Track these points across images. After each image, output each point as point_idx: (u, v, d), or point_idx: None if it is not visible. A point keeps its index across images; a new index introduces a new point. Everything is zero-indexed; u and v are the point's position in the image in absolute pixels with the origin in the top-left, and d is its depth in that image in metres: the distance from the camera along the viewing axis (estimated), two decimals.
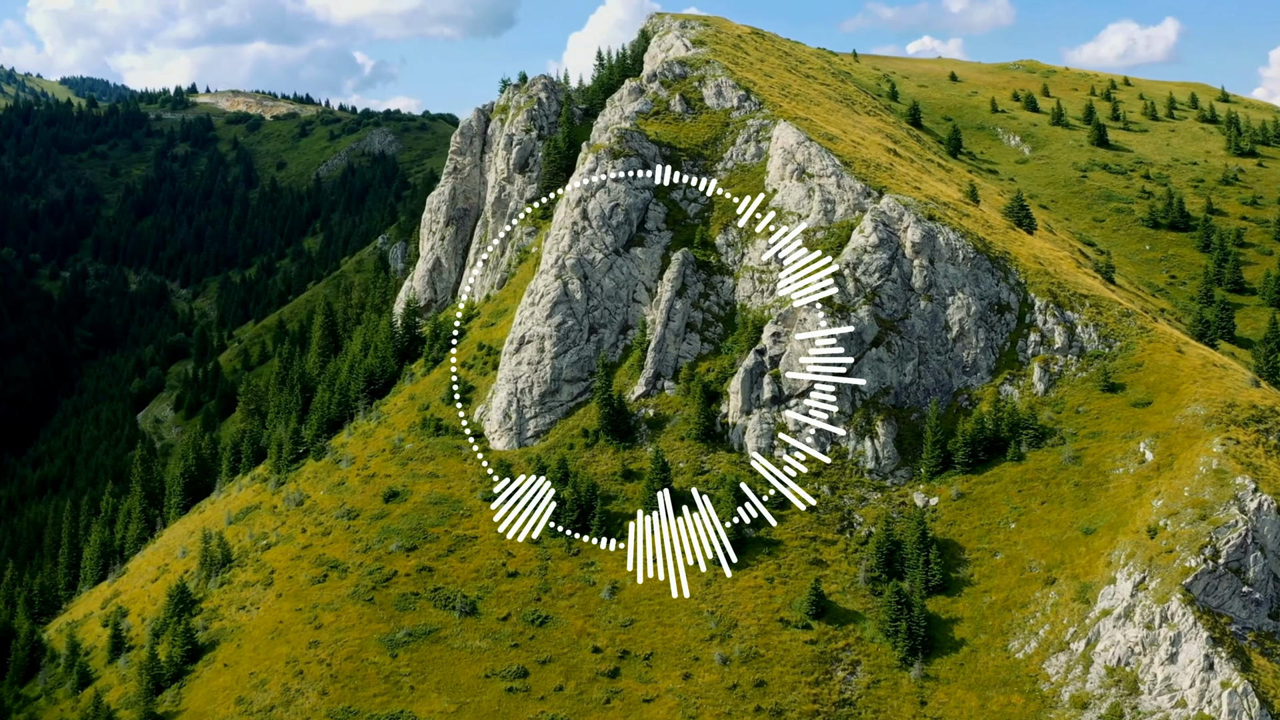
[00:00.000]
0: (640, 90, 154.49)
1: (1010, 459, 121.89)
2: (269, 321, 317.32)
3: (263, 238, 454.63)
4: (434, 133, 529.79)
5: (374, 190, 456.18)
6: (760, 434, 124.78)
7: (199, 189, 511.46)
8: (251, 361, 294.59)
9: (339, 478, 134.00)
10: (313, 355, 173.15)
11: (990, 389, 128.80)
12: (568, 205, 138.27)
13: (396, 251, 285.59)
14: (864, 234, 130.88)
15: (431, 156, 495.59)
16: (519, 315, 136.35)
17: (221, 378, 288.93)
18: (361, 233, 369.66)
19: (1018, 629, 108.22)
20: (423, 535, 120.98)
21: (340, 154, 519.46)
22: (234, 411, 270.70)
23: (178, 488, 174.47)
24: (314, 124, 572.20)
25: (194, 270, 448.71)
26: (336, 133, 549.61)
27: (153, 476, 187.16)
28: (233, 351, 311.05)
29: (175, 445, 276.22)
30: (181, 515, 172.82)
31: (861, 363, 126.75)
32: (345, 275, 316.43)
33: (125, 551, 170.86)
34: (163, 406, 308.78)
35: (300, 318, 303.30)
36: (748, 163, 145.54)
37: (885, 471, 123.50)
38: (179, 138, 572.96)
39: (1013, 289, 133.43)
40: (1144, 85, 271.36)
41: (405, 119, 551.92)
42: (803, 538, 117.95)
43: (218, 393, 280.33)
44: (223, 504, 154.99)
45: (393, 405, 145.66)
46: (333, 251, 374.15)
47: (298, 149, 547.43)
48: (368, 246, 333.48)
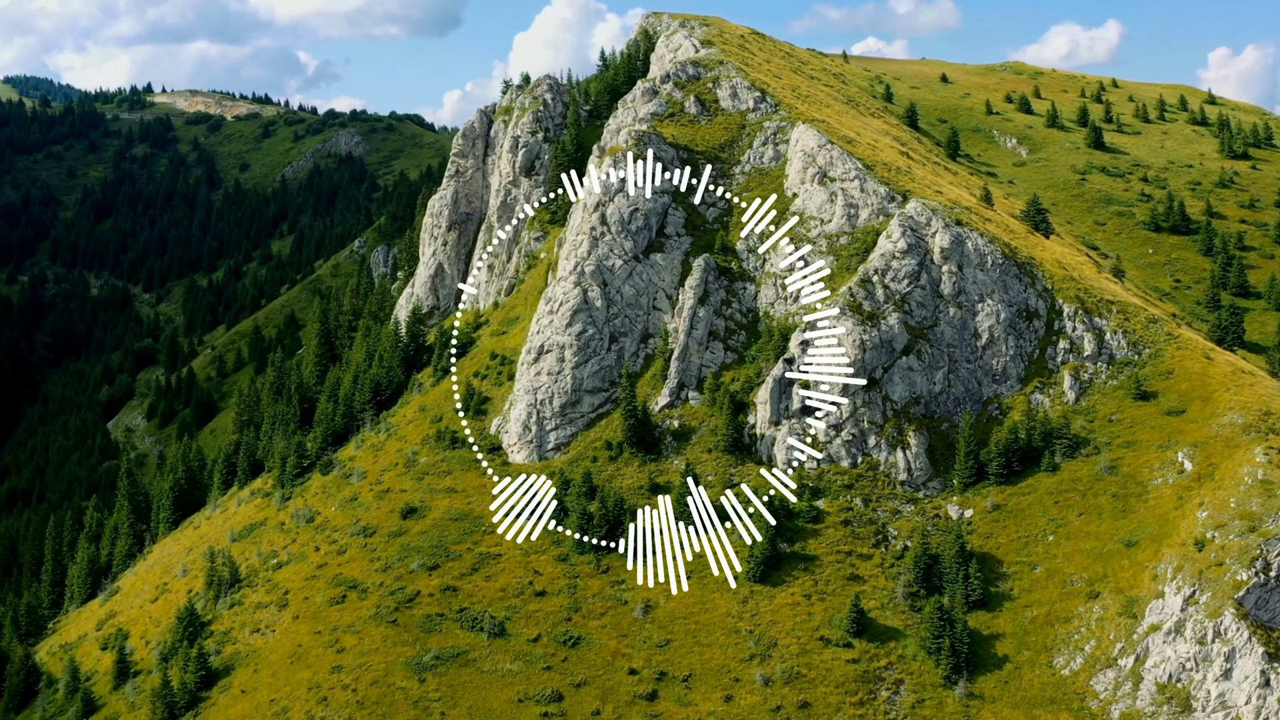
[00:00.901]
0: (654, 91, 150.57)
1: (1045, 469, 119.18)
2: (243, 327, 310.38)
3: (228, 241, 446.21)
4: (401, 133, 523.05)
5: (343, 192, 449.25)
6: (790, 445, 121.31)
7: (160, 191, 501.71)
8: (227, 369, 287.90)
9: (350, 493, 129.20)
10: (309, 364, 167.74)
11: (1021, 398, 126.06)
12: (585, 210, 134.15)
13: (379, 256, 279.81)
14: (891, 239, 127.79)
15: (399, 158, 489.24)
16: (536, 324, 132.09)
17: (196, 385, 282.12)
18: (335, 236, 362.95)
19: (1062, 645, 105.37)
20: (444, 553, 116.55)
21: (306, 155, 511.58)
22: (211, 420, 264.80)
23: (167, 501, 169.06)
24: (277, 125, 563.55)
25: (157, 274, 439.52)
26: (301, 133, 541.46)
27: (138, 489, 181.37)
28: (205, 358, 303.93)
29: (149, 455, 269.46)
30: (171, 530, 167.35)
31: (892, 371, 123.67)
32: (321, 280, 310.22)
33: (113, 568, 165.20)
34: (134, 415, 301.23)
35: (276, 323, 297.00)
36: (765, 166, 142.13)
37: (917, 483, 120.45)
38: (137, 138, 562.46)
39: (1040, 295, 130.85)
40: (1131, 87, 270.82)
41: (372, 119, 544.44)
42: (838, 552, 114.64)
43: (193, 401, 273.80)
44: (220, 519, 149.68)
45: (402, 417, 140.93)
46: (305, 255, 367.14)
47: (261, 150, 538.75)
48: (344, 250, 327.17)
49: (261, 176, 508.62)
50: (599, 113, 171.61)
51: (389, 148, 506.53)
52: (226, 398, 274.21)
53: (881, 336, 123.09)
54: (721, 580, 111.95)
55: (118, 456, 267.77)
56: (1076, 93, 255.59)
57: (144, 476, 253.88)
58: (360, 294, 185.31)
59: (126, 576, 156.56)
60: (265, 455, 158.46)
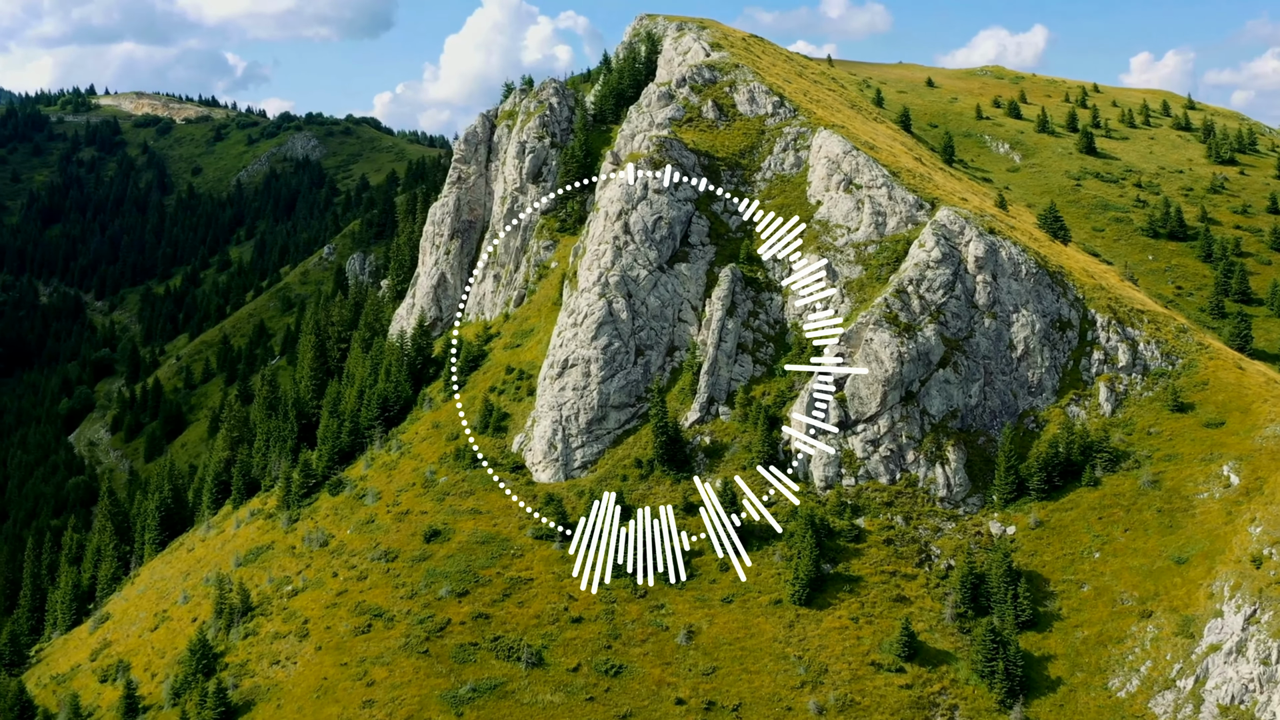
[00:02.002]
0: (669, 96, 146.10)
1: (1086, 484, 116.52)
2: (209, 337, 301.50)
3: (184, 247, 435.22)
4: (358, 137, 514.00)
5: (303, 197, 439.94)
6: (827, 462, 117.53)
7: (110, 196, 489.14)
8: (194, 379, 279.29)
9: (366, 515, 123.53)
10: (304, 378, 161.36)
11: (1057, 410, 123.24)
12: (606, 218, 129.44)
13: (355, 263, 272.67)
14: (925, 248, 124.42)
15: (358, 162, 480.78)
16: (558, 337, 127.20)
17: (163, 397, 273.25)
18: (301, 242, 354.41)
19: (1116, 666, 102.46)
20: (473, 578, 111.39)
21: (261, 159, 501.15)
22: (182, 433, 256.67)
23: (153, 522, 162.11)
24: (229, 128, 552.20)
25: (110, 281, 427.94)
26: (255, 137, 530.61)
27: (119, 508, 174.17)
28: (170, 369, 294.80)
29: (116, 469, 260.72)
30: (158, 552, 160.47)
31: (929, 384, 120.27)
32: (290, 287, 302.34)
33: (97, 593, 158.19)
34: (96, 428, 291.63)
35: (245, 332, 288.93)
36: (787, 173, 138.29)
37: (957, 499, 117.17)
38: (84, 142, 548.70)
39: (1072, 305, 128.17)
40: (1113, 93, 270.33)
41: (329, 123, 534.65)
42: (882, 573, 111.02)
43: (161, 413, 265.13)
44: (217, 541, 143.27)
45: (414, 434, 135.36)
46: (268, 261, 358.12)
47: (214, 154, 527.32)
48: (312, 257, 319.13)
49: (215, 181, 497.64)
50: (604, 117, 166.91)
51: (346, 151, 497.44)
52: (196, 409, 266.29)
53: (919, 348, 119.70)
54: (765, 604, 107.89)
55: (84, 471, 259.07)
56: (1060, 97, 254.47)
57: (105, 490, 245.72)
58: (349, 304, 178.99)
59: (114, 602, 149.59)
60: (262, 474, 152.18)
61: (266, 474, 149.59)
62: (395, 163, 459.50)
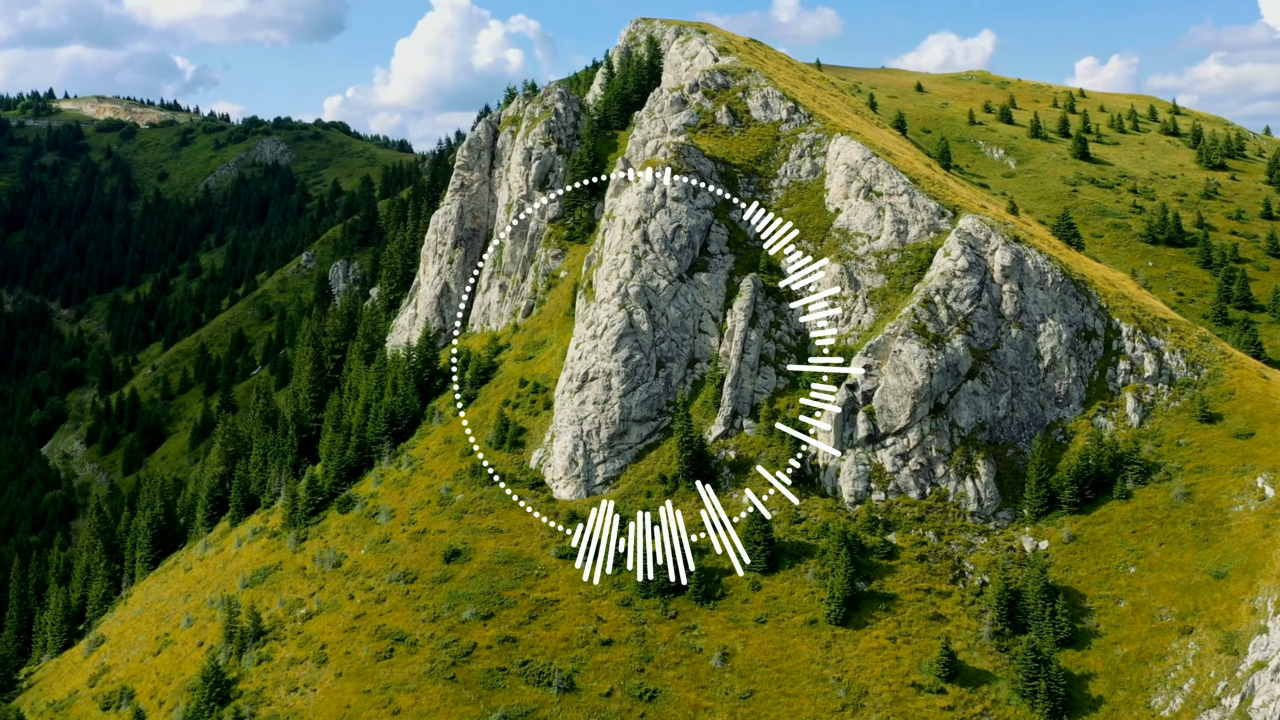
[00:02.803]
0: (682, 101, 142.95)
1: (1117, 497, 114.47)
2: (185, 346, 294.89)
3: (152, 253, 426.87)
4: (328, 141, 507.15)
5: (275, 202, 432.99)
6: (856, 476, 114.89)
7: (74, 201, 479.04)
8: (172, 390, 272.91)
9: (380, 534, 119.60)
10: (303, 391, 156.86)
11: (1084, 422, 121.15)
12: (624, 227, 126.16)
13: (337, 271, 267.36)
14: (951, 257, 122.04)
15: (328, 167, 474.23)
16: (576, 349, 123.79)
17: (140, 408, 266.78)
18: (276, 249, 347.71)
19: (1158, 684, 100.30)
20: (498, 600, 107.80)
21: (229, 164, 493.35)
22: (161, 445, 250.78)
23: (144, 540, 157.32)
24: (195, 132, 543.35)
25: (76, 289, 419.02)
26: (222, 141, 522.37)
27: (108, 525, 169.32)
28: (146, 378, 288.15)
29: (93, 482, 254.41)
30: (151, 570, 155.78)
31: (958, 396, 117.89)
32: (268, 295, 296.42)
33: (88, 614, 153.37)
34: (70, 439, 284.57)
35: (223, 341, 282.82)
36: (804, 180, 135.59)
37: (987, 513, 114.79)
38: (46, 146, 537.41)
39: (1096, 314, 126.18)
40: (1099, 98, 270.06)
41: (297, 127, 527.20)
42: (917, 590, 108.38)
43: (139, 424, 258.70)
44: (216, 561, 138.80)
45: (424, 449, 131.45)
46: (242, 268, 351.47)
47: (180, 158, 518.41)
48: (290, 264, 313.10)
49: (182, 186, 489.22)
50: (609, 122, 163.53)
51: (316, 156, 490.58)
52: (175, 421, 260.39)
53: (947, 360, 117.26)
54: (800, 624, 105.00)
55: (60, 485, 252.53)
56: (1048, 102, 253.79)
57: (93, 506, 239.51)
58: (342, 314, 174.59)
59: (108, 623, 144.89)
60: (260, 490, 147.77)
61: (266, 490, 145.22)
62: (367, 168, 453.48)
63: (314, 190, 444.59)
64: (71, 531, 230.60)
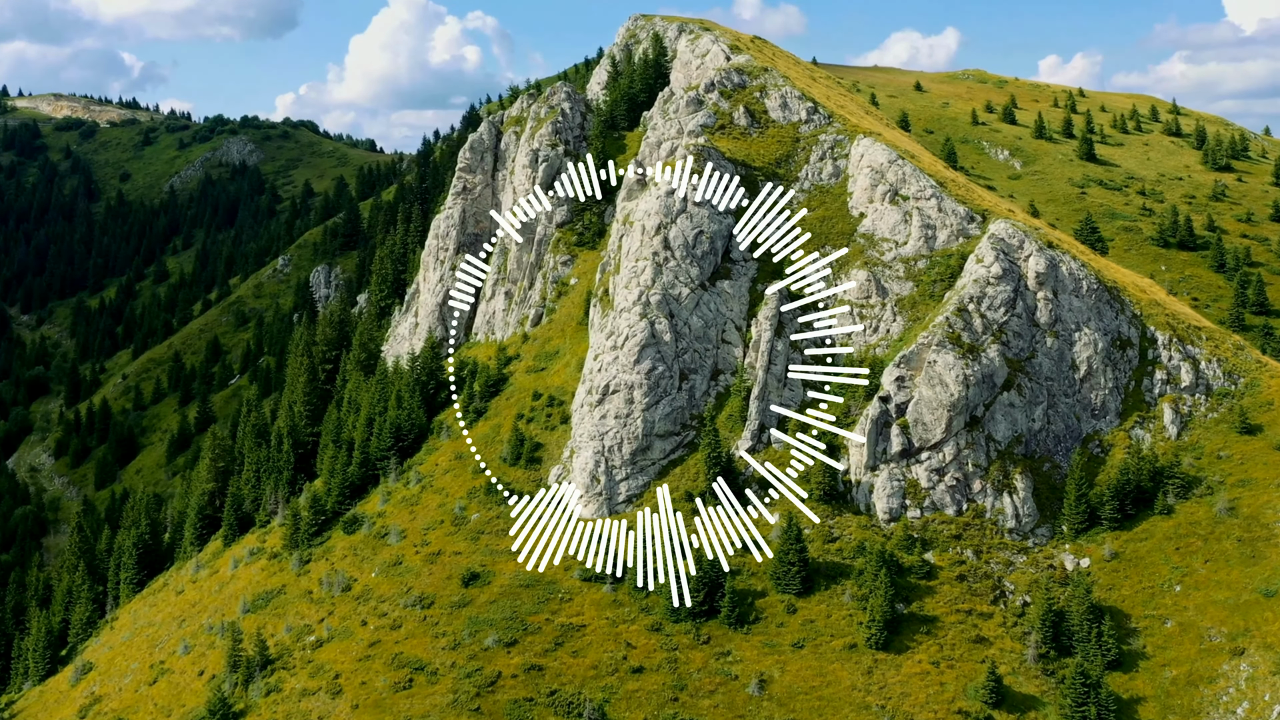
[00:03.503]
0: (698, 101, 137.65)
1: (1159, 512, 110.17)
2: (157, 353, 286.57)
3: (116, 257, 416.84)
4: (296, 141, 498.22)
5: (245, 204, 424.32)
6: (891, 493, 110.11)
7: (33, 203, 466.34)
8: (144, 400, 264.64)
9: (391, 555, 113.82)
10: (298, 402, 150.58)
11: (1121, 434, 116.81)
12: (644, 233, 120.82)
13: (319, 276, 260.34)
14: (984, 264, 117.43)
15: (298, 167, 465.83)
16: (595, 360, 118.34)
17: (111, 419, 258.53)
18: (249, 252, 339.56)
19: (1210, 708, 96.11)
20: (521, 626, 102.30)
21: (194, 164, 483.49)
22: (135, 458, 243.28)
23: (130, 560, 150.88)
24: (158, 131, 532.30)
25: (36, 294, 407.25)
26: (186, 140, 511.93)
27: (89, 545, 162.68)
28: (117, 388, 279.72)
29: (63, 497, 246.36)
30: (137, 592, 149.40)
31: (994, 408, 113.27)
32: (243, 301, 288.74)
33: (70, 638, 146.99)
34: (37, 452, 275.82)
35: (197, 349, 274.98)
36: (825, 183, 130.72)
37: (1025, 530, 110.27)
38: (1, 146, 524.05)
39: (1131, 322, 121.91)
40: (1099, 98, 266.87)
41: (265, 126, 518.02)
42: (958, 611, 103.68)
43: (111, 436, 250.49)
44: (210, 583, 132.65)
45: (433, 465, 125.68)
46: (214, 273, 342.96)
47: (143, 159, 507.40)
48: (265, 269, 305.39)
49: (146, 187, 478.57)
50: (615, 123, 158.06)
51: (285, 156, 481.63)
52: (149, 432, 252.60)
53: (983, 371, 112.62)
54: (839, 648, 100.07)
55: (29, 500, 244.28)
56: (1048, 102, 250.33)
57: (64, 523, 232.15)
58: (332, 322, 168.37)
59: (94, 649, 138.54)
60: (253, 507, 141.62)
61: (261, 508, 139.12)
62: (339, 168, 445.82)
63: (284, 191, 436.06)
64: (44, 549, 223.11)
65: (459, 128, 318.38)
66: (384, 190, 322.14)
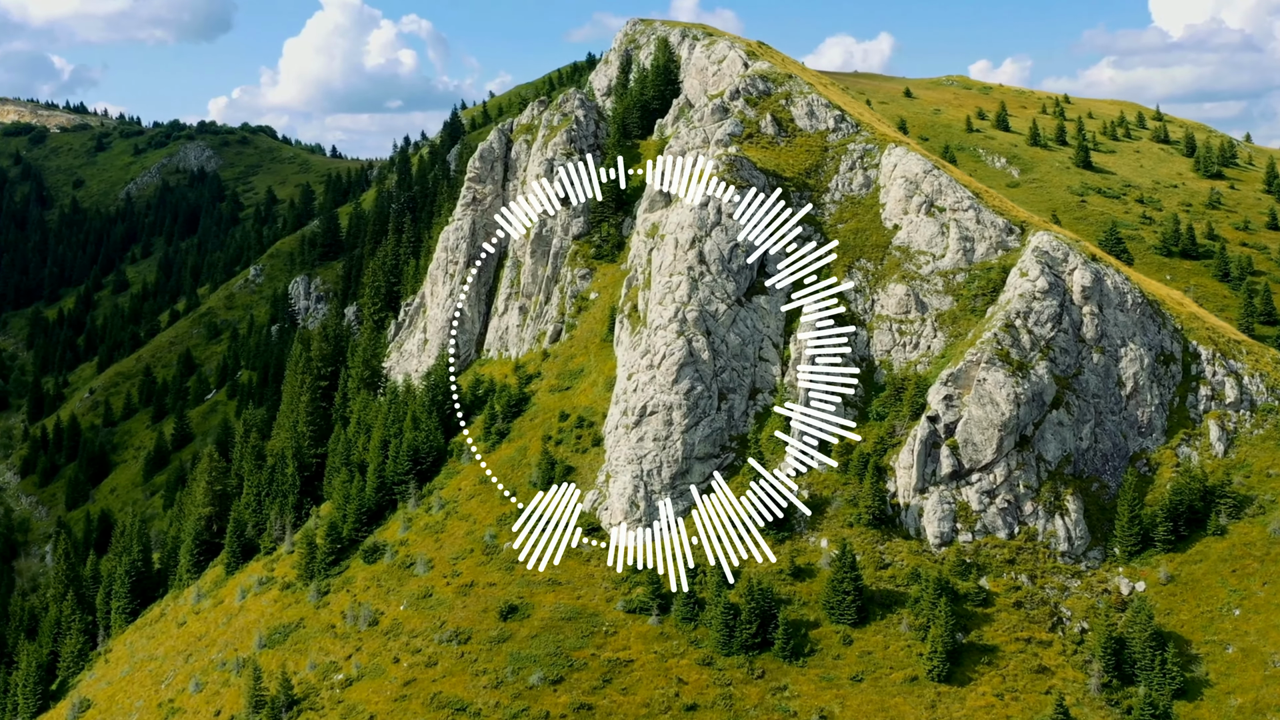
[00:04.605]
0: (724, 109, 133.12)
1: (1212, 533, 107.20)
2: (125, 367, 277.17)
3: (72, 266, 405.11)
4: (256, 147, 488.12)
5: (206, 211, 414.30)
6: (941, 516, 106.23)
7: None
8: (114, 416, 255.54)
9: (419, 587, 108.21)
10: (300, 423, 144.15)
11: (1168, 452, 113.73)
12: (678, 246, 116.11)
13: (298, 287, 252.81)
14: (1028, 277, 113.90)
15: (258, 173, 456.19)
16: (630, 380, 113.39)
17: (81, 435, 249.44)
18: (217, 262, 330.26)
19: None
20: (566, 662, 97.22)
21: (150, 170, 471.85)
22: (107, 476, 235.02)
23: (122, 589, 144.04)
24: (112, 137, 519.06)
25: None
26: (142, 146, 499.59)
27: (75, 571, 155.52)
28: (84, 403, 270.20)
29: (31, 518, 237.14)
30: (130, 623, 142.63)
31: (1043, 427, 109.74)
32: (214, 312, 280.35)
33: (59, 671, 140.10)
34: (1, 469, 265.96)
35: (168, 362, 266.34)
36: (856, 194, 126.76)
37: (1078, 553, 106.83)
38: None
39: (1173, 336, 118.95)
40: (1084, 104, 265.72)
41: (223, 132, 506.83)
42: (1017, 640, 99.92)
43: (81, 454, 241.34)
44: (216, 615, 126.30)
45: (456, 490, 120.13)
46: (181, 282, 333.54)
47: (96, 165, 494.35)
48: (236, 279, 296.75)
49: (101, 194, 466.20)
50: (628, 131, 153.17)
51: (244, 162, 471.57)
52: (121, 449, 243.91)
53: (1032, 389, 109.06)
54: (900, 681, 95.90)
55: None
56: (1036, 108, 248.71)
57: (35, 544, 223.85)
58: (329, 337, 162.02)
59: (89, 684, 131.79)
60: (255, 533, 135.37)
61: (266, 534, 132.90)
62: (302, 175, 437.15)
63: (247, 198, 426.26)
64: (15, 572, 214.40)
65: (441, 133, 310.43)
66: (358, 197, 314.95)
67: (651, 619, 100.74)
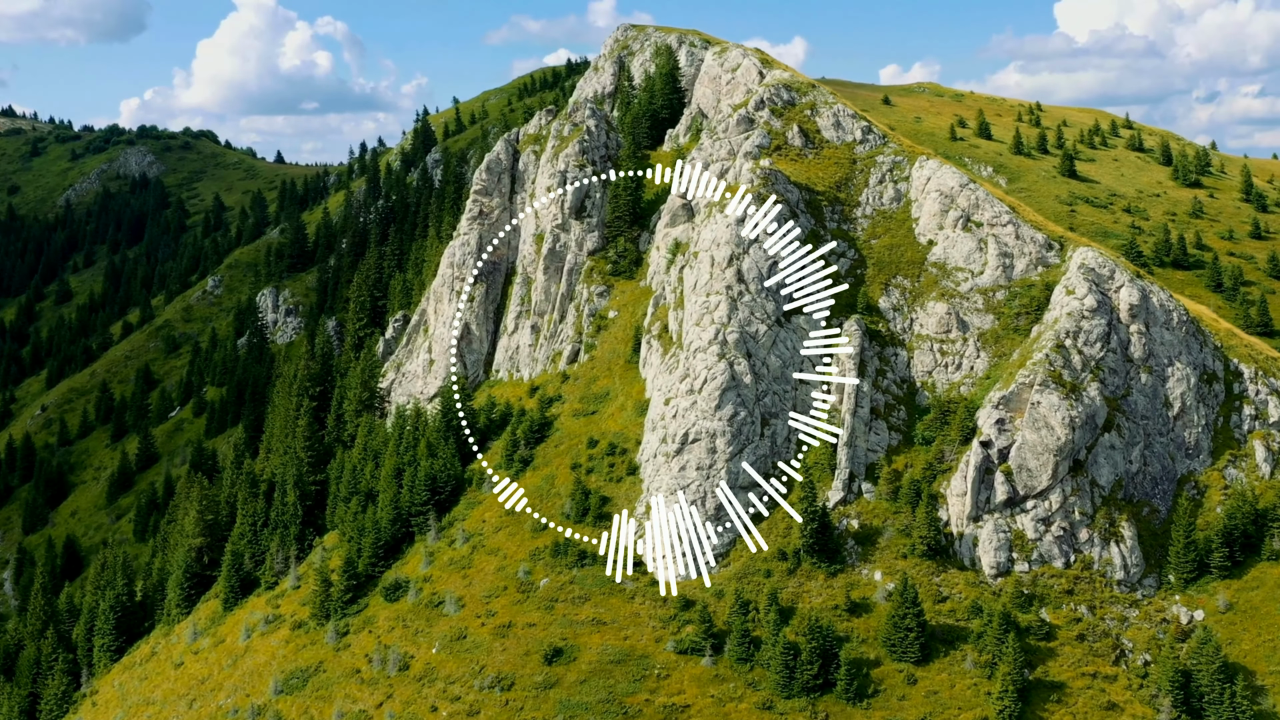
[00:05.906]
0: (749, 120, 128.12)
1: (1266, 558, 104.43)
2: (78, 382, 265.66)
3: (11, 276, 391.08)
4: (199, 152, 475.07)
5: (151, 219, 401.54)
6: (997, 545, 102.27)
7: None
8: (70, 434, 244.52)
9: (451, 628, 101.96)
10: (298, 448, 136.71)
11: (1215, 474, 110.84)
12: (714, 265, 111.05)
13: (266, 300, 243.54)
14: (1076, 296, 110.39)
15: (202, 179, 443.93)
16: (669, 405, 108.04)
17: (36, 455, 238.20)
18: (169, 272, 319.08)
19: None
20: (620, 709, 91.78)
21: (90, 176, 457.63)
22: (66, 497, 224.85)
23: (106, 625, 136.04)
24: (47, 141, 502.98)
25: None
26: (79, 151, 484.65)
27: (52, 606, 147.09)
28: (36, 420, 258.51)
29: None
30: (116, 661, 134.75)
31: (1095, 451, 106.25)
32: (171, 325, 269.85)
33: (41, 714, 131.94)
34: None
35: (125, 377, 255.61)
36: (886, 207, 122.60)
37: (1133, 581, 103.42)
38: None
39: (1214, 355, 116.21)
40: (1055, 112, 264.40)
41: (165, 136, 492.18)
42: (1083, 675, 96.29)
43: (37, 475, 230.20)
44: (218, 655, 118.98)
45: (480, 521, 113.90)
46: (128, 294, 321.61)
47: (32, 170, 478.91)
48: (193, 290, 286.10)
49: (37, 201, 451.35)
50: (639, 141, 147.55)
51: (187, 168, 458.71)
52: (79, 469, 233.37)
53: (1085, 411, 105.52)
54: None
55: None
56: (1011, 116, 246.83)
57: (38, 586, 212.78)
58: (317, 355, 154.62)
59: None
60: (256, 565, 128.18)
61: (266, 567, 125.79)
62: (248, 181, 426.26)
63: (193, 205, 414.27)
64: None
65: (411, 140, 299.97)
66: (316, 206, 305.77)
67: (705, 660, 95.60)
